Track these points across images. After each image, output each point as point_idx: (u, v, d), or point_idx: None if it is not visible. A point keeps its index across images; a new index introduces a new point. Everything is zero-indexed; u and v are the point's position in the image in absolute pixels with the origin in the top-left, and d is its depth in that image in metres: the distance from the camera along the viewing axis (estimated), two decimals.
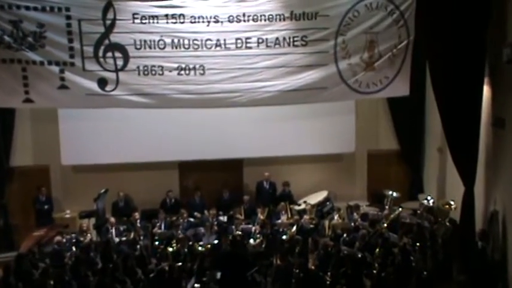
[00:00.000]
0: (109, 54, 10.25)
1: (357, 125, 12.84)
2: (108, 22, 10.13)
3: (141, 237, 10.82)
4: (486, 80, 9.70)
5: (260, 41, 10.45)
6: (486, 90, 9.79)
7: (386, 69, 10.71)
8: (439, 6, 9.64)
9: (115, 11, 10.09)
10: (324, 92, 10.74)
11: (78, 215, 11.89)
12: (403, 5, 10.41)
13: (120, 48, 10.27)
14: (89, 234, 10.90)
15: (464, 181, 9.94)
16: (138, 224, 11.27)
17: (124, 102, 10.51)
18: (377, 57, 10.61)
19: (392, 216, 11.04)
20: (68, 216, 12.18)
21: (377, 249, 9.69)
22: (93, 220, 11.65)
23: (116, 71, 10.32)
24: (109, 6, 10.06)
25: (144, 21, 10.18)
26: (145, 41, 10.25)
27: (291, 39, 10.48)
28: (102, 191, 11.91)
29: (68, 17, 10.02)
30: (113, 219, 11.24)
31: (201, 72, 10.48)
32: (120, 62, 10.31)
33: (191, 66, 10.44)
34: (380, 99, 12.26)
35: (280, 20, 10.39)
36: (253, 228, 11.14)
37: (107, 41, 10.18)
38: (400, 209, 11.46)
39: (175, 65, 10.41)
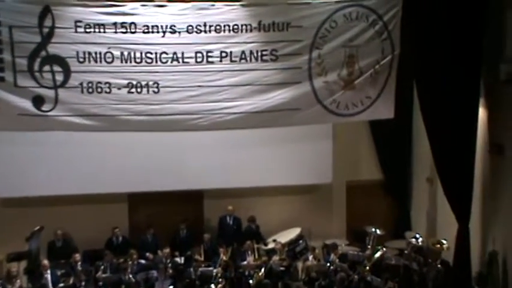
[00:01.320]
0: (46, 67, 9.90)
1: (334, 151, 12.78)
2: (46, 30, 9.78)
3: (83, 283, 10.49)
4: (482, 101, 9.71)
5: (223, 54, 10.23)
6: (482, 112, 9.78)
7: (368, 88, 10.58)
8: (428, 15, 9.57)
9: (54, 18, 9.73)
10: (297, 114, 10.57)
11: (5, 258, 11.35)
12: (387, 14, 10.29)
13: (60, 61, 9.94)
14: (18, 281, 10.38)
15: (458, 217, 9.88)
16: (79, 268, 10.91)
17: (64, 124, 10.17)
18: (357, 75, 10.48)
19: (375, 257, 10.92)
20: None
21: None
22: (24, 263, 11.16)
23: (55, 87, 10.00)
24: (47, 11, 9.70)
25: (88, 30, 9.89)
26: (89, 53, 9.95)
27: (259, 54, 10.30)
28: (36, 228, 11.41)
29: None
30: (46, 262, 10.71)
31: (155, 90, 10.22)
32: (59, 78, 9.99)
33: (143, 83, 10.16)
34: (361, 122, 12.15)
35: (246, 31, 10.22)
36: (215, 271, 10.89)
37: (44, 53, 9.83)
38: (385, 249, 11.31)
39: (125, 82, 10.13)
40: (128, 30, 10.03)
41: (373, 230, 11.50)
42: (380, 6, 10.31)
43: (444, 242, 10.45)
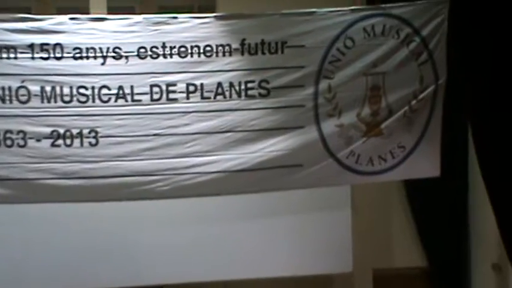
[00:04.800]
0: None
1: (354, 227, 12.11)
2: None
3: None
4: None
5: (191, 89, 9.57)
6: None
7: (401, 133, 9.94)
8: (486, 27, 9.14)
9: None
10: (299, 173, 9.90)
11: None
12: (427, 27, 9.65)
13: None
14: None
15: None
16: None
17: None
18: (385, 115, 9.83)
19: None
20: None
21: None
22: None
23: None
24: None
25: None
26: None
27: (243, 86, 9.69)
28: None
29: None
30: None
31: (92, 141, 9.52)
32: None
33: (75, 131, 9.45)
34: (392, 184, 11.69)
35: (224, 54, 9.60)
36: None
37: None
38: None
39: (48, 130, 9.41)
40: (51, 55, 9.37)
41: None
42: (416, 16, 9.70)
43: None
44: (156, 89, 9.58)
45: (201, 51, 9.60)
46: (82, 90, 9.43)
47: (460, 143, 11.23)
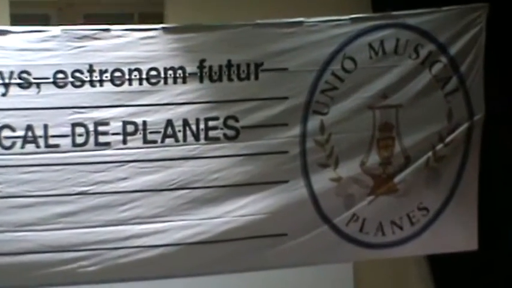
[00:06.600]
0: None
1: None
2: None
3: None
4: None
5: (130, 129, 8.61)
6: None
7: (423, 190, 9.15)
8: None
9: None
10: (282, 245, 9.04)
11: None
12: (457, 42, 8.88)
13: None
14: None
15: None
16: None
17: None
18: (400, 164, 9.04)
19: None
20: None
21: None
22: None
23: None
24: None
25: None
26: None
27: (202, 126, 8.79)
28: None
29: None
30: None
31: None
32: None
33: None
34: (409, 260, 10.80)
35: (175, 81, 8.69)
36: None
37: None
38: None
39: None
40: None
41: None
42: (442, 27, 8.92)
43: None
44: (80, 130, 8.54)
45: (144, 76, 8.61)
46: None
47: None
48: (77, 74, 8.35)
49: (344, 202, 8.82)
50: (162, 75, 8.50)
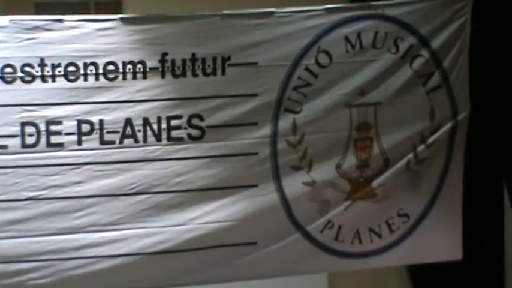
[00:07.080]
0: None
1: None
2: None
3: None
4: None
5: (85, 128, 8.41)
6: None
7: (403, 195, 9.01)
8: None
9: None
10: (251, 255, 8.88)
11: None
12: (440, 35, 8.72)
13: None
14: None
15: None
16: None
17: None
18: (379, 167, 8.89)
19: None
20: None
21: None
22: None
23: None
24: None
25: None
26: None
27: (164, 125, 8.61)
28: None
29: None
30: None
31: None
32: None
33: None
34: (388, 270, 10.72)
35: (135, 75, 8.48)
36: None
37: None
38: None
39: None
40: None
41: None
42: (423, 19, 8.77)
43: None
44: (30, 129, 8.35)
45: (100, 71, 8.43)
46: None
47: (493, 206, 10.35)
48: (27, 69, 8.15)
49: (318, 208, 8.63)
50: (121, 70, 8.30)
